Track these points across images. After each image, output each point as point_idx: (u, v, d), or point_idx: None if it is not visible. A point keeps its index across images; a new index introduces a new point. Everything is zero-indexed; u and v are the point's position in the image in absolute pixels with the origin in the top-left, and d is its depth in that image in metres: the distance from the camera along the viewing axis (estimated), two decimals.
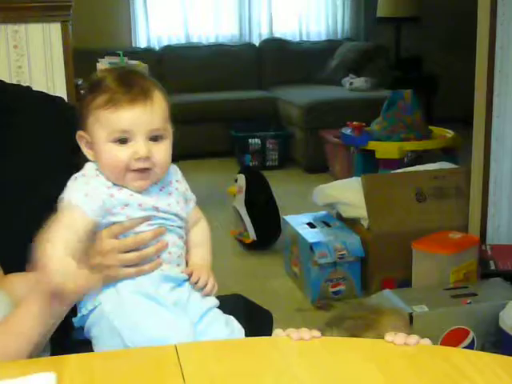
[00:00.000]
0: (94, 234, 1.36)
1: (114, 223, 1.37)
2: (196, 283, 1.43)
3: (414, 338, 1.28)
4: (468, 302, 2.94)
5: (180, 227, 1.45)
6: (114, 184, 1.37)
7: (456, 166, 4.22)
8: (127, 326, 1.34)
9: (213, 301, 1.47)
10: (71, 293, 1.29)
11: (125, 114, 1.35)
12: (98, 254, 1.36)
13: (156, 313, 1.35)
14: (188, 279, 1.44)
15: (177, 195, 1.45)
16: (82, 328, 1.41)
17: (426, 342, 1.30)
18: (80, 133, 1.40)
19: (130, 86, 1.36)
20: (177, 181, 1.47)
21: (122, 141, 1.35)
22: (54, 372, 1.15)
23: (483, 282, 3.19)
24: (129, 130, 1.35)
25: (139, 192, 1.38)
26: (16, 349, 1.31)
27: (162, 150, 1.39)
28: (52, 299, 1.32)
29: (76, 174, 1.39)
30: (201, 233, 1.53)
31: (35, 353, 1.33)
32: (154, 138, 1.37)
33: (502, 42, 3.37)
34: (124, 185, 1.38)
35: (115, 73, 1.40)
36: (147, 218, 1.39)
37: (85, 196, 1.34)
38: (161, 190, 1.42)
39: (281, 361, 1.25)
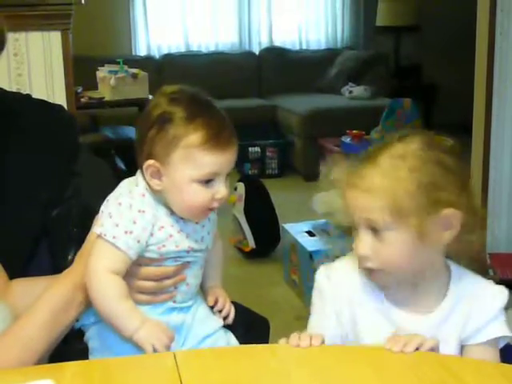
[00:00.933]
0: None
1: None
2: (219, 310, 1.48)
3: (411, 346, 1.25)
4: None
5: (203, 258, 1.45)
6: (155, 222, 1.35)
7: None
8: (118, 341, 1.34)
9: (217, 322, 1.48)
10: None
11: (220, 158, 1.33)
12: None
13: None
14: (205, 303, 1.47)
15: (209, 226, 1.44)
16: (80, 333, 1.42)
17: (430, 344, 1.27)
18: (151, 162, 1.34)
19: (221, 127, 1.35)
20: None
21: (208, 181, 1.34)
22: (53, 379, 1.15)
23: None
24: (219, 172, 1.34)
25: (178, 231, 1.37)
26: (21, 360, 1.30)
27: (228, 185, 1.39)
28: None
29: (121, 199, 1.35)
30: (218, 253, 1.54)
31: (39, 362, 1.33)
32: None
33: (501, 49, 3.38)
34: (190, 218, 1.38)
35: (196, 105, 1.37)
36: (180, 268, 1.40)
37: (127, 234, 1.32)
38: (197, 223, 1.41)
39: (279, 368, 1.25)
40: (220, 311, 1.48)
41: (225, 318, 1.49)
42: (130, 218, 1.33)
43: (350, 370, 1.25)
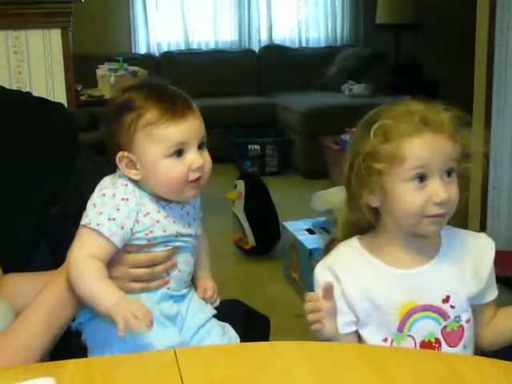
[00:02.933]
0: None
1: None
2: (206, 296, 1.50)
3: None
4: None
5: (194, 246, 1.46)
6: (139, 209, 1.36)
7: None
8: (115, 338, 1.34)
9: (210, 311, 1.49)
10: None
11: (180, 127, 1.35)
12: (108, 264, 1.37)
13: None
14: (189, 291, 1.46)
15: (194, 213, 1.45)
16: (79, 333, 1.42)
17: None
18: (121, 154, 1.37)
19: (173, 99, 1.37)
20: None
21: (178, 154, 1.35)
22: (54, 377, 1.15)
23: None
24: (185, 142, 1.35)
25: (165, 216, 1.38)
26: (18, 362, 1.30)
27: (208, 157, 1.40)
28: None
29: (104, 191, 1.37)
30: (203, 240, 1.53)
31: (39, 360, 1.33)
32: (200, 146, 1.38)
33: (501, 47, 3.38)
34: (178, 198, 1.39)
35: (146, 88, 1.39)
36: (170, 253, 1.41)
37: (111, 221, 1.33)
38: (182, 210, 1.42)
39: (280, 365, 1.25)
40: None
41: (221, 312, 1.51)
42: (114, 205, 1.35)
43: (351, 368, 1.25)
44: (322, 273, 1.48)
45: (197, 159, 1.36)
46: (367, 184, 1.40)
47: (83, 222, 1.35)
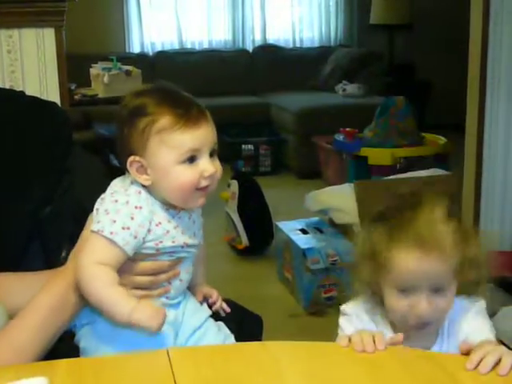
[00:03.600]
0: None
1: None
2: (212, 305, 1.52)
3: (506, 367, 1.18)
4: None
5: (194, 254, 1.46)
6: (152, 218, 1.36)
7: (448, 173, 4.23)
8: (109, 342, 1.34)
9: (206, 312, 1.50)
10: None
11: (194, 134, 1.34)
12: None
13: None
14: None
15: (198, 222, 1.45)
16: (72, 333, 1.42)
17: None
18: (132, 158, 1.35)
19: (187, 105, 1.36)
20: None
21: (191, 160, 1.34)
22: (46, 377, 1.15)
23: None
24: (198, 149, 1.35)
25: (175, 227, 1.38)
26: (16, 361, 1.29)
27: (219, 165, 1.39)
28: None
29: (117, 197, 1.36)
30: (202, 251, 1.53)
31: (35, 362, 1.33)
32: (211, 154, 1.38)
33: (494, 48, 3.39)
34: (186, 205, 1.39)
35: (159, 93, 1.38)
36: (174, 262, 1.41)
37: (125, 230, 1.32)
38: (189, 219, 1.42)
39: (272, 366, 1.25)
40: (211, 305, 1.51)
41: (217, 312, 1.51)
42: (128, 213, 1.33)
43: (343, 368, 1.25)
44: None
45: (209, 167, 1.36)
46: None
47: (95, 228, 1.33)
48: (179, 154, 1.34)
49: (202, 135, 1.35)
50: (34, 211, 1.63)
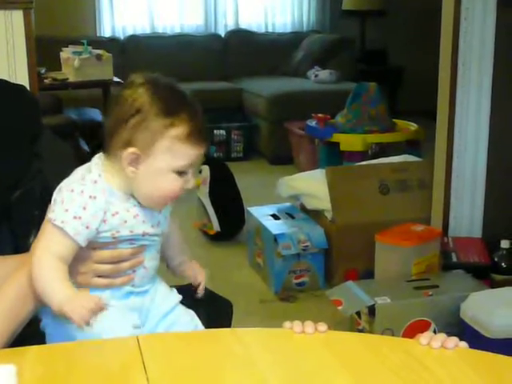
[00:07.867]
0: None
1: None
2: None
3: (452, 341, 1.25)
4: (430, 293, 2.96)
5: (159, 242, 1.45)
6: (108, 208, 1.34)
7: (419, 159, 4.25)
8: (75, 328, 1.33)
9: (176, 297, 1.49)
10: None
11: (199, 151, 1.36)
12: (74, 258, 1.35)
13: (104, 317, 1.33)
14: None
15: (165, 211, 1.44)
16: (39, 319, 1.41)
17: (463, 345, 1.26)
18: (133, 150, 1.33)
19: (200, 117, 1.39)
20: None
21: (182, 172, 1.36)
22: (14, 364, 1.14)
23: (445, 274, 3.22)
24: (194, 165, 1.37)
25: (134, 215, 1.37)
26: None
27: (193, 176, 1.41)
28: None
29: (73, 186, 1.34)
30: (176, 232, 1.54)
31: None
32: None
33: (466, 35, 3.40)
34: (154, 207, 1.39)
35: (176, 94, 1.41)
36: (136, 251, 1.40)
37: (76, 220, 1.31)
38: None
39: (243, 353, 1.25)
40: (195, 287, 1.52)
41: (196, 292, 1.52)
42: (80, 203, 1.32)
43: (313, 355, 1.25)
44: None
45: (192, 181, 1.38)
46: None
47: (48, 216, 1.33)
48: (180, 165, 1.34)
49: (202, 153, 1.38)
50: (3, 195, 1.61)
